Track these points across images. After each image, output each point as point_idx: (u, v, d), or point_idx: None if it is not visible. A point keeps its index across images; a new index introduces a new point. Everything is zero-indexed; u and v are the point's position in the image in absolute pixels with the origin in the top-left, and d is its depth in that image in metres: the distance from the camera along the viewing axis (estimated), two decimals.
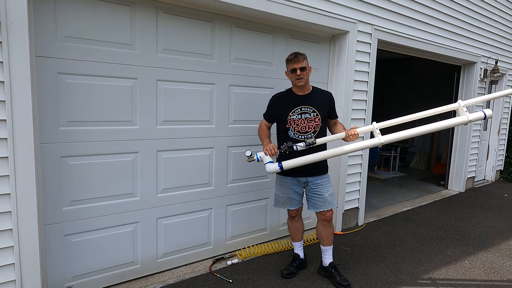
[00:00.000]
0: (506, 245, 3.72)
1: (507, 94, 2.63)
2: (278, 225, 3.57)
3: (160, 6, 2.58)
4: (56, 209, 2.34)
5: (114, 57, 2.43)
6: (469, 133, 5.72)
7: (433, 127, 2.44)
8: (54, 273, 2.38)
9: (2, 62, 1.91)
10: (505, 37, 6.09)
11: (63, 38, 2.23)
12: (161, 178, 2.75)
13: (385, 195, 5.49)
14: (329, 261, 2.83)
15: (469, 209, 4.97)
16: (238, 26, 3.00)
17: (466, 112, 2.43)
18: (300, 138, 2.60)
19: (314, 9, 3.20)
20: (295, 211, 2.84)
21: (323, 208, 2.69)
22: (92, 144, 2.42)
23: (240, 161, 3.15)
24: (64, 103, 2.28)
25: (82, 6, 2.28)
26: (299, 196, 2.77)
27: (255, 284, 2.75)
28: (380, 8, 3.81)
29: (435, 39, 4.63)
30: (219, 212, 3.12)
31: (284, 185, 2.74)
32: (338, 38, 3.63)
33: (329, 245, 2.82)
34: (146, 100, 2.60)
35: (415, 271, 3.05)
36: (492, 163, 6.75)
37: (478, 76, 5.63)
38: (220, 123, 3.01)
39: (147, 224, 2.73)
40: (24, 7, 1.93)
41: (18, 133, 1.98)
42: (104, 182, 2.50)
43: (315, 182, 2.68)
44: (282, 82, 3.28)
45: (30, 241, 2.08)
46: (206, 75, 2.87)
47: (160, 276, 2.81)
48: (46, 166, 2.26)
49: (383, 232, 3.94)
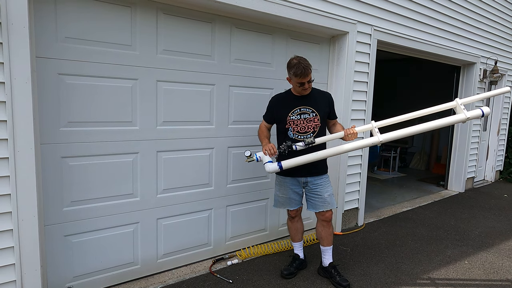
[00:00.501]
0: (505, 245, 3.73)
1: (504, 92, 2.64)
2: (278, 226, 3.58)
3: (160, 7, 2.58)
4: (57, 209, 2.34)
5: (114, 58, 2.44)
6: (468, 133, 5.73)
7: (431, 125, 2.45)
8: (55, 274, 2.38)
9: (3, 63, 1.91)
10: (505, 38, 6.10)
11: (64, 39, 2.24)
12: (161, 179, 2.75)
13: (384, 196, 5.50)
14: (329, 261, 2.84)
15: (468, 209, 4.98)
16: (238, 27, 3.01)
17: (464, 110, 2.43)
18: (299, 139, 2.61)
19: (314, 10, 3.21)
20: (294, 212, 2.84)
21: (323, 209, 2.69)
22: (93, 144, 2.42)
23: (240, 162, 3.16)
24: (65, 103, 2.29)
25: (83, 7, 2.28)
26: (298, 196, 2.78)
27: (255, 284, 2.75)
28: (380, 9, 3.82)
29: (435, 40, 4.64)
30: (219, 213, 3.13)
31: (284, 185, 2.74)
32: (338, 38, 3.64)
33: (329, 246, 2.82)
34: (146, 100, 2.61)
35: (414, 271, 3.05)
36: (492, 164, 6.76)
37: (478, 76, 5.64)
38: (220, 123, 3.02)
39: (147, 224, 2.74)
40: (24, 8, 1.94)
41: (19, 134, 1.99)
42: (105, 183, 2.50)
43: (314, 182, 2.68)
44: (282, 83, 3.28)
45: (31, 242, 2.09)
46: (206, 76, 2.88)
47: (160, 276, 2.82)
48: (47, 167, 2.26)
49: (383, 232, 3.95)
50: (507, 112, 6.77)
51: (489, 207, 5.11)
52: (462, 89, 5.74)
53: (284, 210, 3.15)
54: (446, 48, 4.86)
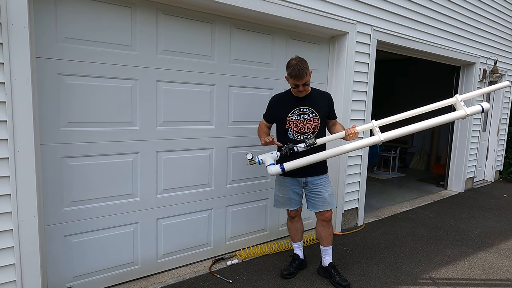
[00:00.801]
0: (505, 245, 3.73)
1: (503, 86, 2.64)
2: (278, 226, 3.58)
3: (160, 8, 2.59)
4: (57, 209, 2.34)
5: (114, 58, 2.44)
6: (468, 133, 5.73)
7: (431, 123, 2.44)
8: (55, 274, 2.38)
9: (3, 63, 1.91)
10: (505, 38, 6.11)
11: (64, 40, 2.24)
12: (161, 179, 2.76)
13: (384, 196, 5.50)
14: (329, 261, 2.84)
15: (468, 209, 4.98)
16: (237, 27, 3.01)
17: (464, 106, 2.43)
18: (299, 139, 2.61)
19: (314, 10, 3.21)
20: (294, 212, 2.84)
21: (322, 208, 2.69)
22: (93, 145, 2.42)
23: (239, 162, 3.16)
24: (65, 104, 2.29)
25: (83, 7, 2.28)
26: (298, 196, 2.78)
27: (255, 284, 2.75)
28: (379, 9, 3.82)
29: (434, 40, 4.64)
30: (219, 213, 3.13)
31: (284, 185, 2.75)
32: (338, 39, 3.64)
33: (329, 246, 2.82)
34: (146, 101, 2.61)
35: (414, 271, 3.06)
36: (492, 164, 6.76)
37: (477, 76, 5.64)
38: (219, 124, 3.02)
39: (147, 224, 2.74)
40: (24, 8, 1.94)
41: (19, 134, 1.99)
42: (105, 183, 2.51)
43: (314, 182, 2.68)
44: (281, 83, 3.29)
45: (31, 242, 2.09)
46: (206, 76, 2.88)
47: (160, 276, 2.82)
48: (47, 167, 2.27)
49: (383, 232, 3.95)
50: (507, 112, 6.77)
51: (488, 207, 5.11)
52: (462, 89, 5.74)
53: (284, 210, 3.15)
54: (446, 48, 4.87)
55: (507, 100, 6.70)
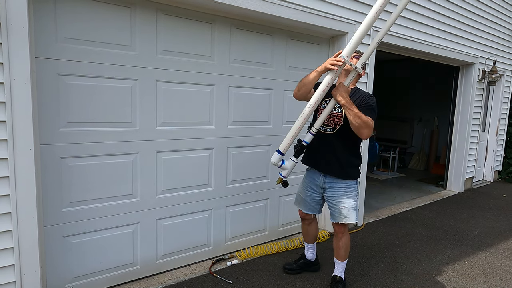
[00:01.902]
0: (504, 245, 3.74)
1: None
2: (278, 226, 3.58)
3: (160, 8, 2.58)
4: (56, 210, 2.33)
5: (114, 58, 2.43)
6: (467, 133, 5.74)
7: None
8: (54, 274, 2.37)
9: (2, 63, 1.91)
10: (504, 38, 6.12)
11: (63, 40, 2.23)
12: (160, 179, 2.75)
13: (384, 196, 5.50)
14: (336, 273, 2.68)
15: (467, 209, 4.99)
16: (237, 27, 3.01)
17: None
18: (321, 130, 2.48)
19: (313, 11, 3.21)
20: (303, 214, 2.77)
21: (336, 220, 2.52)
22: (92, 145, 2.42)
23: (239, 162, 3.16)
24: (64, 104, 2.29)
25: (82, 7, 2.28)
26: (313, 202, 2.67)
27: (255, 285, 2.75)
28: None
29: (434, 40, 4.65)
30: (218, 213, 3.13)
31: (303, 184, 2.71)
32: (337, 39, 3.64)
33: (338, 259, 2.64)
34: (145, 101, 2.60)
35: (414, 272, 3.06)
36: (491, 164, 6.77)
37: (476, 77, 5.65)
38: (219, 124, 3.02)
39: (147, 225, 2.73)
40: (24, 8, 1.93)
41: (18, 134, 1.98)
42: (104, 183, 2.50)
43: (331, 189, 2.53)
44: (281, 83, 3.29)
45: (30, 243, 2.08)
46: (205, 76, 2.88)
47: (159, 277, 2.81)
48: (46, 167, 2.26)
49: (382, 232, 3.95)
50: (506, 112, 6.79)
51: (488, 207, 5.12)
52: (461, 89, 5.75)
53: (284, 210, 3.14)
54: (445, 49, 4.87)
55: (506, 101, 6.71)
